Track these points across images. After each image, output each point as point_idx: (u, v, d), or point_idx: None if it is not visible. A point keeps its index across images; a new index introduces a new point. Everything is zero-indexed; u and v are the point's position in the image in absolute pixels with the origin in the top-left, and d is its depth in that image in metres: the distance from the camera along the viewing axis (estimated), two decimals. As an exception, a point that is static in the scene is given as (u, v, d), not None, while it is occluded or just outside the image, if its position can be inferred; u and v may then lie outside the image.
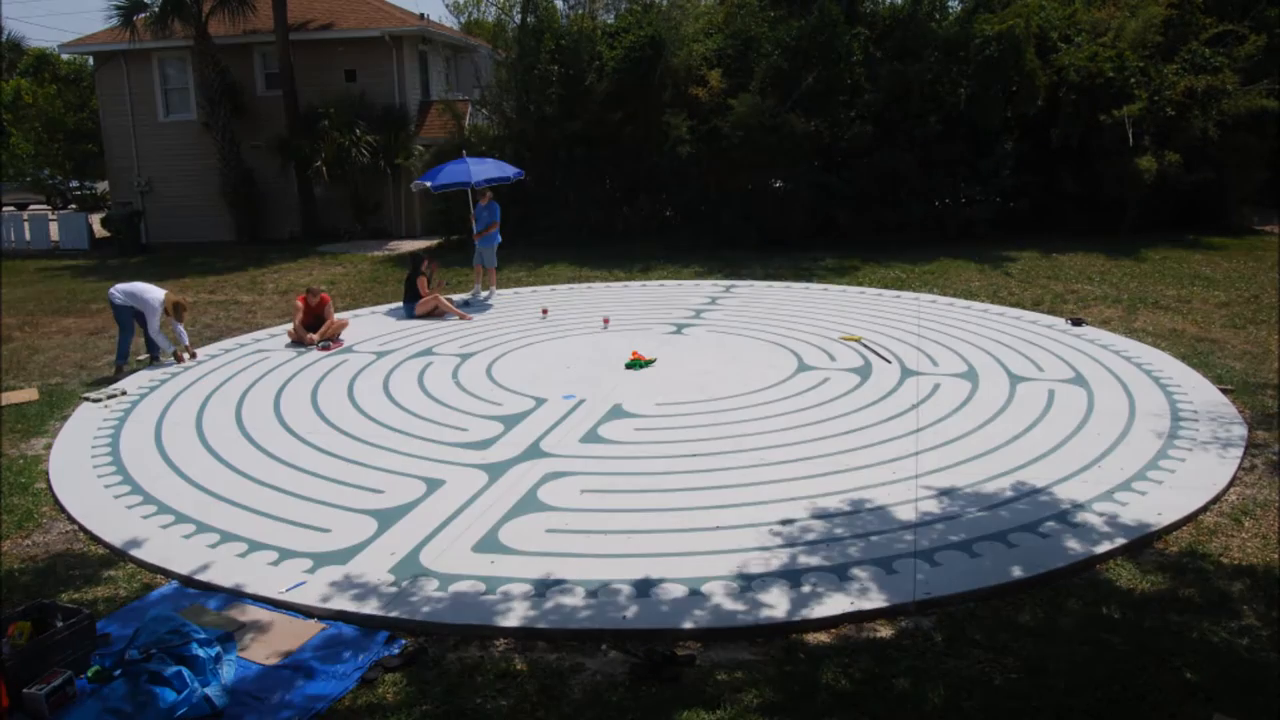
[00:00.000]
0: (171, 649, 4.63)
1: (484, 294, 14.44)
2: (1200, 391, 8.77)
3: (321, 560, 5.84)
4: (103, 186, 30.55)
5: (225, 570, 5.77)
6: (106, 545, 6.25)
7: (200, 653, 4.64)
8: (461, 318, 13.01)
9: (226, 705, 4.43)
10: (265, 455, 7.78)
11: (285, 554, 5.95)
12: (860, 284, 14.69)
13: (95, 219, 24.48)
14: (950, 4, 20.06)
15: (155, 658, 4.59)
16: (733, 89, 18.26)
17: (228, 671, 4.66)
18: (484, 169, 14.52)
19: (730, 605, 5.17)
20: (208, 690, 4.45)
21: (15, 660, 4.48)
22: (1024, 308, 12.62)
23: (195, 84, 22.79)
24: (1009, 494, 6.54)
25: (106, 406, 9.28)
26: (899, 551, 5.72)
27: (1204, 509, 6.31)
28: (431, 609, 5.22)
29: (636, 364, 10.09)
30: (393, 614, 5.18)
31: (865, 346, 10.59)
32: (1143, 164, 17.28)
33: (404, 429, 8.31)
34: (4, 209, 29.97)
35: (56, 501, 7.05)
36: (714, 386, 9.28)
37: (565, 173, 19.49)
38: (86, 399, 9.51)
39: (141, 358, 11.36)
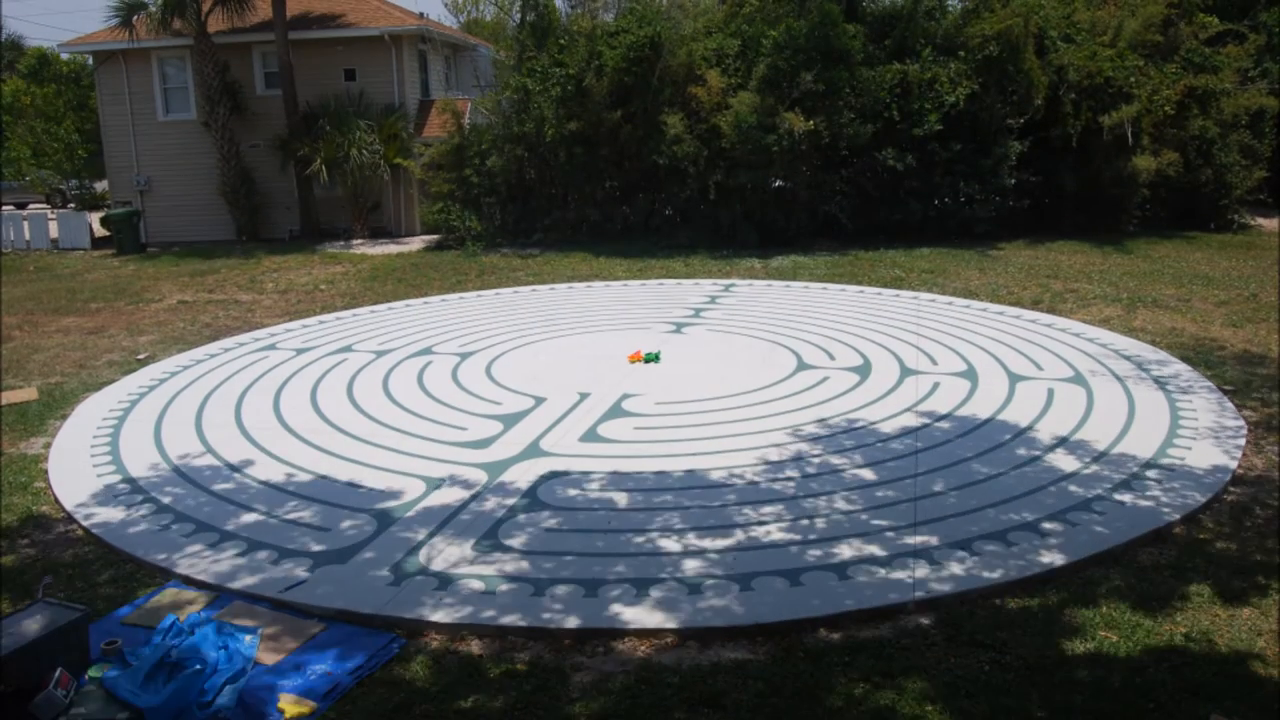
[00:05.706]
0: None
1: None
2: (1199, 390, 8.78)
3: (321, 560, 5.84)
4: (102, 186, 30.51)
5: (225, 570, 5.77)
6: (106, 545, 6.26)
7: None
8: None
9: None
10: (265, 455, 7.78)
11: (285, 554, 5.96)
12: (860, 283, 14.69)
13: (95, 218, 24.46)
14: (949, 3, 20.06)
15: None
16: (732, 88, 18.26)
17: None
18: None
19: (730, 605, 5.18)
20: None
21: (14, 660, 4.48)
22: (1023, 306, 12.61)
23: (194, 83, 22.76)
24: (1008, 493, 6.54)
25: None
26: (899, 551, 5.73)
27: (1204, 508, 6.32)
28: (431, 609, 5.23)
29: (649, 356, 10.22)
30: (393, 614, 5.18)
31: None
32: (1142, 163, 17.29)
33: (404, 429, 8.31)
34: (3, 209, 29.93)
35: (56, 501, 7.06)
36: (714, 385, 9.28)
37: (565, 172, 19.48)
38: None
39: (142, 357, 11.36)
